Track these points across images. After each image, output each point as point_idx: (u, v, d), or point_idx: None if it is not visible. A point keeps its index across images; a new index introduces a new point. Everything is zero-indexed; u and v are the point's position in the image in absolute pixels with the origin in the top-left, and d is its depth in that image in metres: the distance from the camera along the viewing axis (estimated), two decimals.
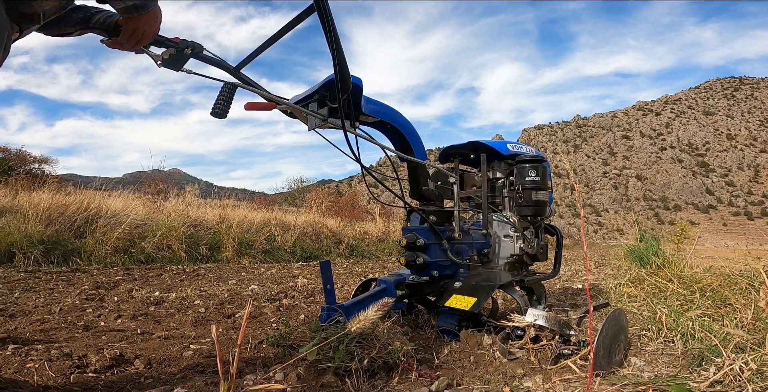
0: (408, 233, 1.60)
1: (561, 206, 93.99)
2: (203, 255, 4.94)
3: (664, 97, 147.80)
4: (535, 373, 1.26)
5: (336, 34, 1.12)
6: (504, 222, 1.93)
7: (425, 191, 1.63)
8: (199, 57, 1.29)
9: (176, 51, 1.22)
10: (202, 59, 1.31)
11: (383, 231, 8.89)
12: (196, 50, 1.25)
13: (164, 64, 1.22)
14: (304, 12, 1.18)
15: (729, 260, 2.98)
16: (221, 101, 1.21)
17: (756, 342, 1.29)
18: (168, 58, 1.21)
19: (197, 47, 1.25)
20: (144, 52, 1.20)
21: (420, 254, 1.57)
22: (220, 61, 1.35)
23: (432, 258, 1.59)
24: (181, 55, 1.23)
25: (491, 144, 1.94)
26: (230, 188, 8.63)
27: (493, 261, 1.90)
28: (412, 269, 1.62)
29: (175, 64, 1.24)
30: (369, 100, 1.47)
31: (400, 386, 1.17)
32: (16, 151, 9.43)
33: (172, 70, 1.24)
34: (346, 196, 13.40)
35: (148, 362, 1.34)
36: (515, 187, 1.84)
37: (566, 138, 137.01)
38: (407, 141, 1.58)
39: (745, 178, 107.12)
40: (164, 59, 1.21)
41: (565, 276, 4.55)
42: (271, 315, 2.19)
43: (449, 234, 1.65)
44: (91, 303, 2.30)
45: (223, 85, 1.22)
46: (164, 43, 1.20)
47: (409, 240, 1.57)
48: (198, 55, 1.27)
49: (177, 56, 1.22)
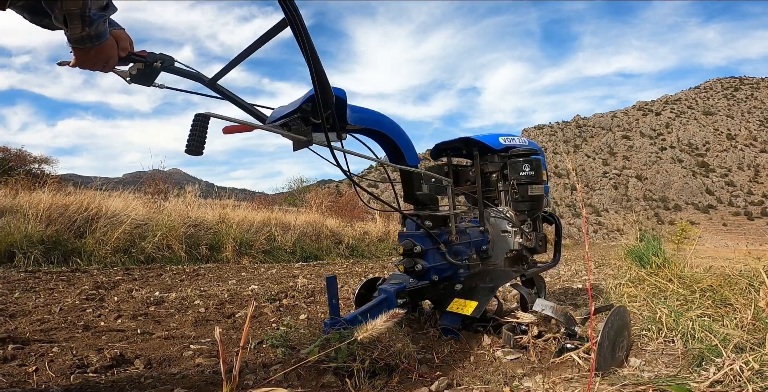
0: (404, 240, 1.58)
1: (561, 206, 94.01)
2: (203, 255, 4.94)
3: (664, 97, 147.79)
4: (535, 373, 1.26)
5: (312, 49, 1.04)
6: (501, 218, 1.90)
7: (420, 196, 1.61)
8: (171, 70, 1.21)
9: (144, 65, 1.14)
10: (175, 72, 1.22)
11: (383, 232, 8.89)
12: (167, 63, 1.18)
13: (133, 80, 1.15)
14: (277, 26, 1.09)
15: (729, 260, 2.97)
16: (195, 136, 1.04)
17: (756, 342, 1.29)
18: (136, 73, 1.14)
19: (167, 60, 1.18)
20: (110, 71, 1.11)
21: (418, 260, 1.55)
22: (195, 73, 1.27)
23: (431, 264, 1.57)
24: (150, 69, 1.15)
25: (482, 139, 1.90)
26: (230, 188, 8.65)
27: (493, 258, 1.88)
28: (412, 276, 1.60)
29: (145, 80, 1.16)
30: (354, 109, 1.42)
31: (400, 386, 1.17)
32: (16, 151, 9.43)
33: (142, 85, 1.17)
34: (346, 195, 13.39)
35: (148, 362, 1.34)
36: (510, 182, 1.81)
37: (566, 138, 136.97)
38: (397, 146, 1.55)
39: (745, 178, 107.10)
40: (132, 75, 1.14)
41: (565, 276, 4.55)
42: (271, 315, 2.19)
43: (446, 237, 1.63)
44: (91, 303, 2.30)
45: (194, 118, 1.06)
46: (130, 59, 1.12)
47: (406, 247, 1.55)
48: (169, 67, 1.19)
49: (146, 71, 1.15)
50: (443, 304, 1.61)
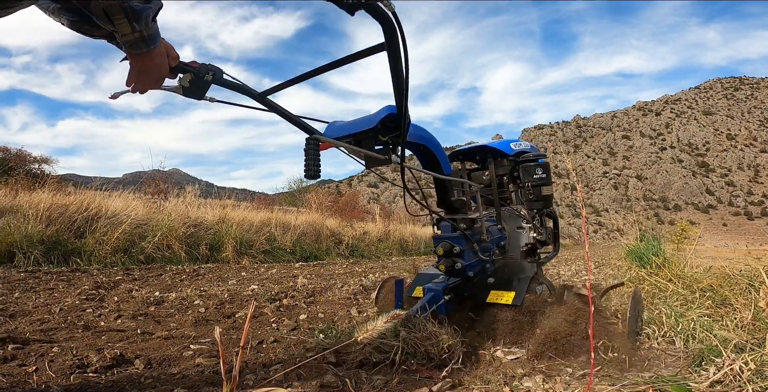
0: (442, 241, 1.71)
1: (561, 206, 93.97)
2: (203, 255, 4.94)
3: (664, 97, 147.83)
4: (535, 373, 1.26)
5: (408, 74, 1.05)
6: (515, 216, 2.10)
7: (454, 201, 1.75)
8: (220, 82, 1.17)
9: (195, 77, 1.10)
10: (224, 84, 1.19)
11: (383, 232, 8.89)
12: (218, 75, 1.14)
13: (186, 93, 1.10)
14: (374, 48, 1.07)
15: (729, 260, 2.98)
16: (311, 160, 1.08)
17: (756, 342, 1.29)
18: (188, 85, 1.10)
19: (218, 72, 1.14)
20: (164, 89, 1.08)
21: (457, 260, 1.68)
22: (243, 86, 1.24)
23: (467, 262, 1.72)
24: (201, 81, 1.11)
25: (497, 146, 2.09)
26: (230, 188, 8.63)
27: (509, 252, 2.05)
28: (451, 274, 1.75)
29: (196, 92, 1.12)
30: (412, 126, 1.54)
31: (400, 386, 1.17)
32: (16, 151, 9.43)
33: (193, 98, 1.13)
34: (346, 195, 13.38)
35: (148, 362, 1.34)
36: (524, 184, 2.00)
37: (566, 138, 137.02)
38: (436, 157, 1.67)
39: (745, 178, 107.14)
40: (185, 88, 1.10)
41: (565, 276, 4.55)
42: (271, 315, 2.19)
43: (477, 237, 1.79)
44: (91, 303, 2.30)
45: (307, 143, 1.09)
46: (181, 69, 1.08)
47: (445, 248, 1.68)
48: (219, 80, 1.16)
49: (197, 83, 1.10)
50: (478, 297, 1.78)
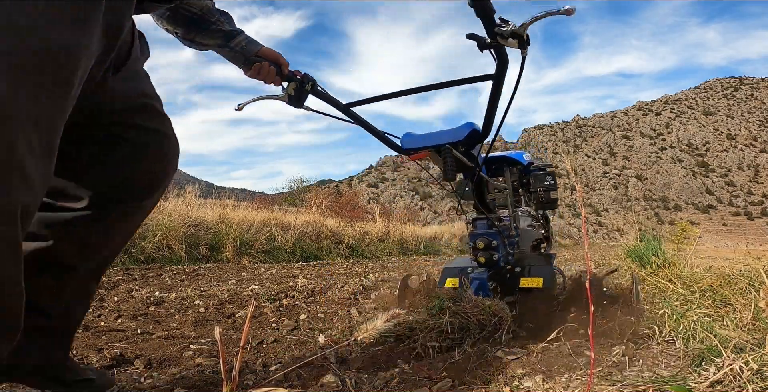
0: (480, 237, 1.90)
1: (561, 206, 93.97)
2: (203, 255, 4.94)
3: (664, 97, 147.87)
4: (535, 373, 1.26)
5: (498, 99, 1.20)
6: (526, 216, 2.47)
7: (490, 202, 1.99)
8: (315, 92, 1.21)
9: (297, 86, 1.14)
10: (318, 95, 1.23)
11: (383, 232, 8.89)
12: (316, 85, 1.18)
13: (290, 102, 1.14)
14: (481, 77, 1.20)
15: (729, 260, 2.98)
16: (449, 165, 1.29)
17: (756, 342, 1.29)
18: (293, 94, 1.14)
19: (315, 82, 1.18)
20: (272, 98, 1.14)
21: (494, 253, 1.90)
22: (332, 98, 1.29)
23: (500, 254, 1.94)
24: (302, 91, 1.15)
25: (514, 156, 2.45)
26: (230, 188, 8.63)
27: (521, 246, 2.33)
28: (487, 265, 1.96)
29: (297, 101, 1.16)
30: None
31: (400, 386, 1.17)
32: None
33: (294, 107, 1.16)
34: (346, 195, 13.40)
35: (148, 362, 1.34)
36: (535, 189, 2.34)
37: (566, 138, 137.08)
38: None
39: (745, 178, 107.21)
40: (290, 96, 1.14)
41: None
42: (271, 315, 2.19)
43: (507, 232, 2.04)
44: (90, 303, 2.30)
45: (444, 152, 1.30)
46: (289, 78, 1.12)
47: (485, 242, 1.89)
48: (314, 90, 1.19)
49: (300, 92, 1.14)
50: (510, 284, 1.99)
